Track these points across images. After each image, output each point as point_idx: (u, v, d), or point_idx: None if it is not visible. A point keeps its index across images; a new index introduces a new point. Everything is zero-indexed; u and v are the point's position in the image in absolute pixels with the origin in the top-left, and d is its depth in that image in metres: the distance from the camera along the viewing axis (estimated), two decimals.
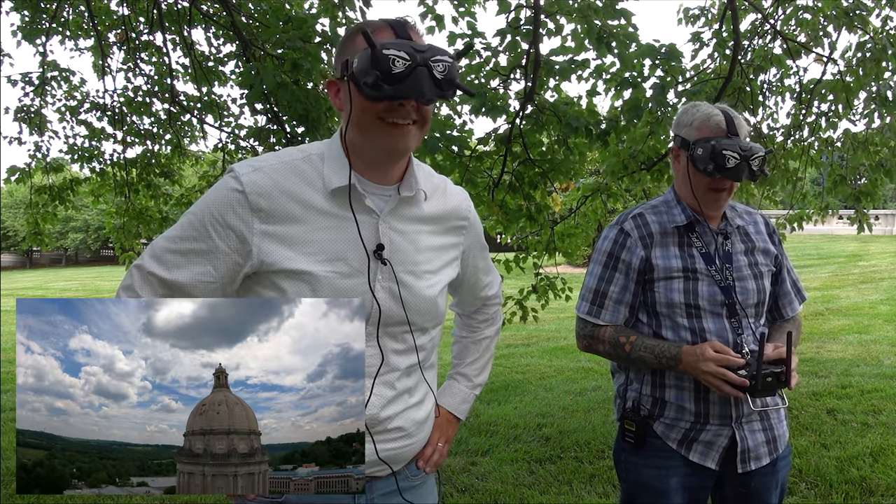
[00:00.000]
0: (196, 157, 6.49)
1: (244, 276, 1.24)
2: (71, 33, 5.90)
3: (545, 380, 6.53)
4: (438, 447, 1.46)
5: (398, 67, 1.11)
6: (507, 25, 3.93)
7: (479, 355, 1.60)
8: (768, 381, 1.55)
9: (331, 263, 1.22)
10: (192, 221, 1.23)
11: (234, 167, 1.24)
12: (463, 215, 1.42)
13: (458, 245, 1.42)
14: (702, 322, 1.70)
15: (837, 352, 7.21)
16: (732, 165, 1.62)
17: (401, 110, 1.18)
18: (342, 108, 1.25)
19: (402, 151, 1.23)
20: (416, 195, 1.30)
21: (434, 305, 1.34)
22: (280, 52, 3.52)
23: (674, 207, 1.78)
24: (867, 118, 5.01)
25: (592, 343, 1.80)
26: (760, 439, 1.75)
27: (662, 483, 1.73)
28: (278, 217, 1.21)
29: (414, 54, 1.12)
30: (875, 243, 22.90)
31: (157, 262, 1.24)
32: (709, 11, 5.70)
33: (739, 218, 1.82)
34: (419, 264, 1.31)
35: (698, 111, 1.72)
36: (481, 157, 4.30)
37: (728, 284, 1.71)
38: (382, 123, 1.19)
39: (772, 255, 1.83)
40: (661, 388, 1.74)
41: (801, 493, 3.57)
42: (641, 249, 1.74)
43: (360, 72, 1.13)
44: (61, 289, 23.07)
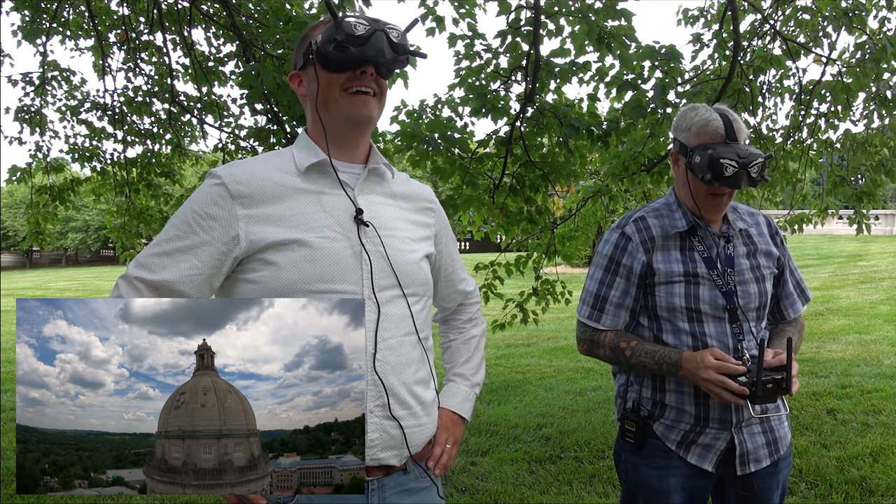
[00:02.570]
0: (196, 156, 6.49)
1: (233, 261, 1.27)
2: (71, 33, 5.90)
3: (545, 380, 6.54)
4: (447, 448, 1.46)
5: (360, 30, 1.25)
6: (508, 26, 3.94)
7: (470, 355, 1.62)
8: (768, 387, 1.55)
9: (316, 230, 1.28)
10: (175, 224, 1.28)
11: (212, 170, 1.32)
12: (429, 198, 1.51)
13: (430, 226, 1.48)
14: (703, 326, 1.69)
15: (837, 352, 7.21)
16: (731, 174, 1.60)
17: (363, 77, 1.29)
18: (306, 95, 1.37)
19: (366, 119, 1.33)
20: (384, 172, 1.41)
21: (418, 268, 1.39)
22: (280, 53, 3.53)
23: (675, 211, 1.77)
24: (867, 119, 5.02)
25: (593, 347, 1.80)
26: (760, 441, 1.74)
27: (662, 483, 1.73)
28: (259, 199, 1.28)
29: (372, 21, 1.27)
30: (875, 243, 22.90)
31: (141, 268, 1.27)
32: (708, 12, 5.70)
33: (741, 220, 1.81)
34: (398, 230, 1.38)
35: (696, 115, 1.69)
36: (482, 159, 4.30)
37: (730, 289, 1.71)
38: (346, 94, 1.30)
39: (774, 257, 1.82)
40: (661, 392, 1.74)
41: (801, 493, 3.57)
42: (643, 254, 1.73)
43: (325, 41, 1.26)
44: (61, 289, 23.06)
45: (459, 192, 4.13)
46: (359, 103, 1.30)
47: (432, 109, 4.41)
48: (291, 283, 1.23)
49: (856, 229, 5.07)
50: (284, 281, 1.24)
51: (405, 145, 4.00)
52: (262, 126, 4.36)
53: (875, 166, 4.78)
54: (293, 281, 1.24)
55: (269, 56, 3.58)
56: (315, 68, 1.30)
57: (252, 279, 1.26)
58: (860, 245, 22.35)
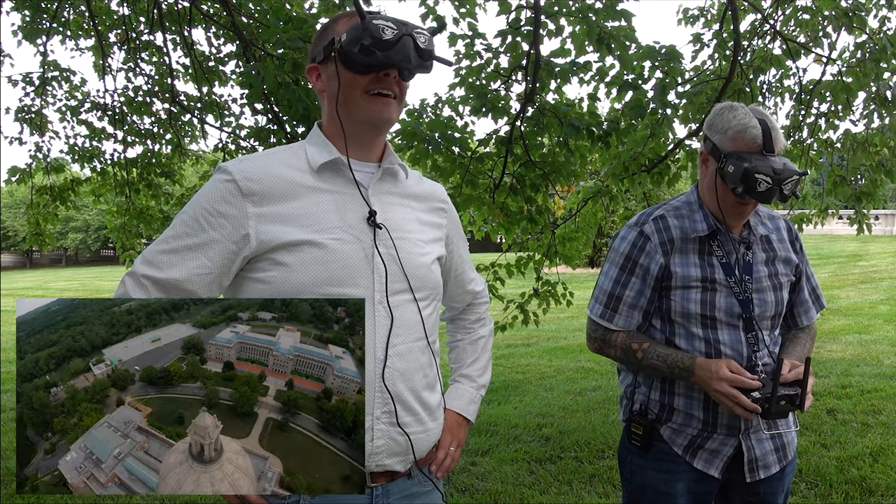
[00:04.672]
0: (196, 156, 6.49)
1: (243, 260, 1.25)
2: (71, 33, 5.90)
3: (545, 380, 6.54)
4: (450, 451, 1.44)
5: (387, 35, 1.20)
6: (508, 26, 3.94)
7: (477, 356, 1.59)
8: (782, 404, 1.52)
9: (329, 232, 1.25)
10: (183, 220, 1.24)
11: (221, 165, 1.28)
12: (441, 198, 1.48)
13: (442, 226, 1.46)
14: (717, 333, 1.65)
15: (837, 352, 7.21)
16: (764, 189, 1.52)
17: (385, 80, 1.26)
18: (324, 90, 1.32)
19: (385, 122, 1.30)
20: (397, 172, 1.38)
21: (429, 272, 1.36)
22: (280, 52, 3.52)
23: (696, 212, 1.71)
24: (867, 118, 5.01)
25: (603, 346, 1.76)
26: (769, 447, 1.71)
27: (669, 487, 1.71)
28: (270, 197, 1.24)
29: (400, 25, 1.22)
30: (875, 243, 22.89)
31: (149, 265, 1.23)
32: (708, 12, 5.70)
33: (762, 225, 1.75)
34: (410, 232, 1.35)
35: (735, 119, 1.59)
36: (482, 159, 4.29)
37: (746, 297, 1.66)
38: (367, 96, 1.26)
39: (793, 265, 1.77)
40: (670, 395, 1.71)
41: (801, 493, 3.57)
42: (661, 256, 1.67)
43: (351, 42, 1.21)
44: (61, 289, 23.07)
45: (459, 191, 4.13)
46: (380, 106, 1.27)
47: (433, 108, 4.41)
48: (302, 286, 1.21)
49: (856, 229, 5.07)
50: (295, 283, 1.21)
51: (405, 144, 4.00)
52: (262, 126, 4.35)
53: (875, 166, 4.77)
54: (303, 283, 1.21)
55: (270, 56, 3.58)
56: (337, 66, 1.26)
57: (261, 279, 1.24)
58: (860, 245, 22.33)
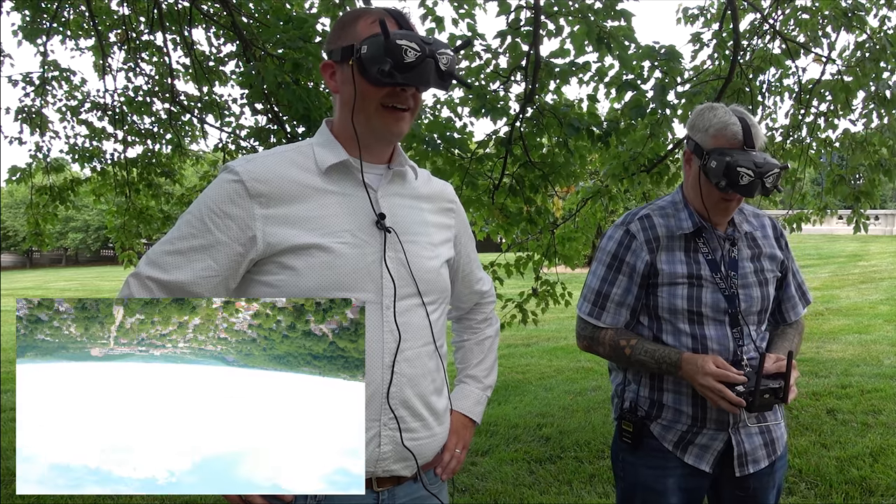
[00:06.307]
0: (197, 156, 6.50)
1: (249, 262, 1.22)
2: (71, 33, 5.90)
3: (545, 380, 6.54)
4: (456, 453, 1.43)
5: (409, 57, 1.16)
6: (508, 27, 3.94)
7: (483, 356, 1.59)
8: (766, 397, 1.55)
9: (337, 235, 1.22)
10: (189, 220, 1.22)
11: (228, 164, 1.25)
12: (450, 198, 1.46)
13: (451, 227, 1.44)
14: (703, 329, 1.68)
15: (837, 352, 7.21)
16: (746, 182, 1.57)
17: (402, 95, 1.23)
18: (337, 91, 1.29)
19: (397, 135, 1.28)
20: (407, 173, 1.36)
21: (438, 276, 1.34)
22: (281, 52, 3.53)
23: (681, 210, 1.74)
24: (866, 118, 5.02)
25: (592, 344, 1.80)
26: (758, 442, 1.74)
27: (660, 483, 1.73)
28: (278, 199, 1.21)
29: (423, 45, 1.17)
30: (875, 243, 22.88)
31: (154, 266, 1.20)
32: (708, 11, 5.70)
33: (747, 222, 1.79)
34: (419, 235, 1.33)
35: (715, 117, 1.65)
36: (481, 160, 4.29)
37: (732, 292, 1.69)
38: (382, 109, 1.23)
39: (778, 261, 1.80)
40: (659, 391, 1.74)
41: (801, 493, 3.57)
42: (647, 253, 1.71)
43: (371, 59, 1.18)
44: (61, 289, 23.07)
45: (459, 192, 4.13)
46: (394, 120, 1.25)
47: (432, 109, 4.42)
48: (309, 290, 1.18)
49: (853, 229, 5.07)
50: (302, 287, 1.18)
51: (404, 145, 4.00)
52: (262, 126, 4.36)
53: (874, 166, 4.78)
54: (311, 288, 1.18)
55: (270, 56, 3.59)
56: (354, 74, 1.22)
57: (268, 282, 1.21)
58: (860, 245, 22.33)
